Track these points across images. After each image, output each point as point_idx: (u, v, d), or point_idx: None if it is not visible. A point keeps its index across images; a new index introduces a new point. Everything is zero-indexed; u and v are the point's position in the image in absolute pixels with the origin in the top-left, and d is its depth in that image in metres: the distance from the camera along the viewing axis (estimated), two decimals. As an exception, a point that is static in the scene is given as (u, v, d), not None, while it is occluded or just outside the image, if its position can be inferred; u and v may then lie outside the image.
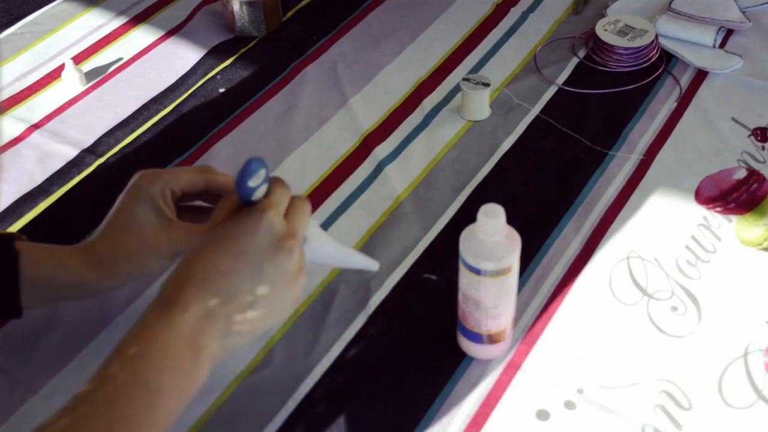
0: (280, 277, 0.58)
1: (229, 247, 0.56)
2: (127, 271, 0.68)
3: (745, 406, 0.68)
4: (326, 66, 1.06)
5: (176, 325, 0.54)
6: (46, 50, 1.10)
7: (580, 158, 0.91)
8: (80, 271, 0.67)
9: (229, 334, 0.56)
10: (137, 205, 0.67)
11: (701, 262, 0.79)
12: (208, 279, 0.55)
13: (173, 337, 0.54)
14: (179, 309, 0.54)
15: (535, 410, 0.68)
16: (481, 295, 0.66)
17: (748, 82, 0.99)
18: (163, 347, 0.53)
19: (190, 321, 0.54)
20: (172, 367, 0.53)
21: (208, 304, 0.55)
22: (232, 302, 0.56)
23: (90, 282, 0.67)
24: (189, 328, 0.54)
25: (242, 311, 0.56)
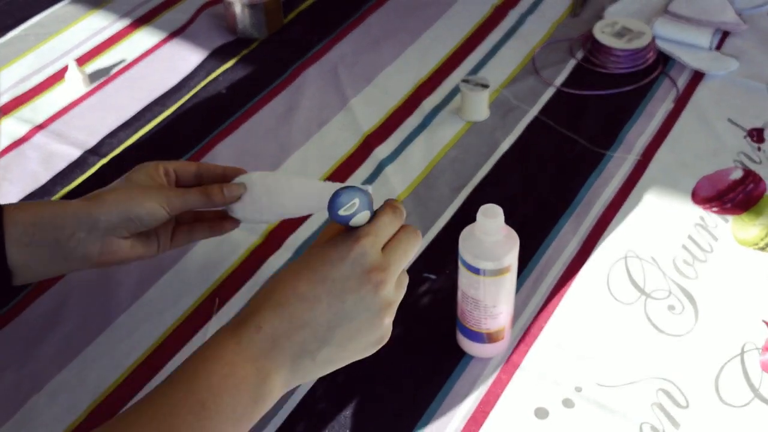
0: (363, 312, 0.54)
1: (313, 272, 0.54)
2: (113, 199, 0.66)
3: (741, 405, 0.69)
4: (327, 67, 1.06)
5: (245, 344, 0.52)
6: (49, 52, 1.11)
7: (578, 159, 0.91)
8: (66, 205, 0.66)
9: (301, 363, 0.54)
10: (131, 175, 0.70)
11: (698, 261, 0.80)
12: (287, 302, 0.53)
13: (240, 356, 0.51)
14: (251, 328, 0.52)
15: (533, 408, 0.69)
16: (480, 295, 0.67)
17: (744, 83, 1.00)
18: (228, 365, 0.51)
19: (260, 342, 0.52)
20: (234, 388, 0.51)
21: (281, 328, 0.52)
22: (308, 330, 0.53)
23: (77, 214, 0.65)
24: (259, 349, 0.52)
25: (318, 341, 0.53)
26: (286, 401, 0.70)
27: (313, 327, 0.53)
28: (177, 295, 0.79)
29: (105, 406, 0.70)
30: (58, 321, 0.77)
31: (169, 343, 0.75)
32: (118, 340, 0.75)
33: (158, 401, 0.50)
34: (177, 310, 0.78)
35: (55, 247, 0.65)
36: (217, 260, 0.82)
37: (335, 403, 0.70)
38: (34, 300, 0.79)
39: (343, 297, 0.54)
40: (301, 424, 0.69)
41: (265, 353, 0.52)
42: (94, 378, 0.72)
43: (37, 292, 0.80)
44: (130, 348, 0.74)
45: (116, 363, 0.73)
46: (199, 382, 0.50)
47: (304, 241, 0.84)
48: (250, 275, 0.80)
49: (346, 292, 0.54)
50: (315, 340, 0.53)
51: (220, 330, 0.54)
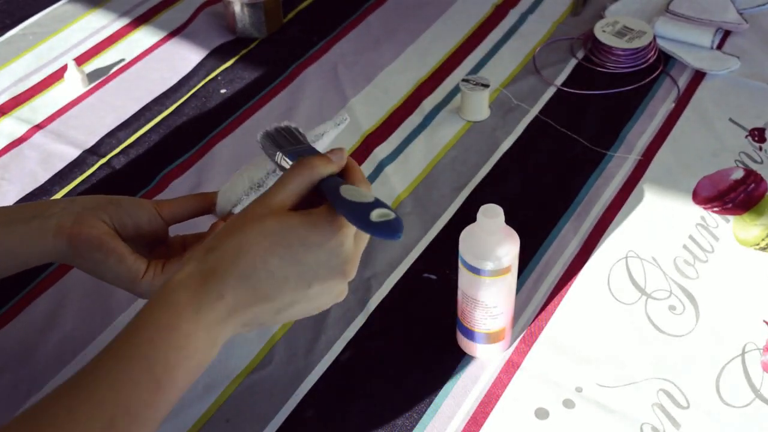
0: (325, 297, 0.55)
1: (287, 249, 0.52)
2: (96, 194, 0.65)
3: (742, 405, 0.68)
4: (327, 67, 1.06)
5: (204, 312, 0.50)
6: (48, 52, 1.10)
7: (579, 158, 0.91)
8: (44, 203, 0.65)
9: (249, 327, 0.54)
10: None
11: (699, 261, 0.80)
12: (254, 274, 0.52)
13: (197, 325, 0.50)
14: (213, 295, 0.51)
15: (534, 409, 0.69)
16: (481, 295, 0.67)
17: (745, 83, 1.00)
18: (184, 337, 0.50)
19: (219, 310, 0.51)
20: (186, 361, 0.50)
21: (243, 299, 0.52)
22: (267, 305, 0.53)
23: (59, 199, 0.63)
24: (215, 317, 0.51)
25: (273, 314, 0.54)
26: (285, 402, 0.70)
27: (273, 303, 0.53)
28: (176, 296, 0.78)
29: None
30: (58, 321, 0.77)
31: (168, 343, 0.75)
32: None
33: (115, 375, 0.49)
34: (176, 311, 0.77)
35: (31, 222, 0.63)
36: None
37: (335, 404, 0.70)
38: (34, 300, 0.79)
39: (311, 282, 0.53)
40: (302, 425, 0.68)
41: (220, 321, 0.51)
42: (92, 378, 0.72)
43: (37, 292, 0.79)
44: (129, 348, 0.74)
45: (115, 363, 0.73)
46: (156, 355, 0.49)
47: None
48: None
49: (316, 279, 0.53)
50: (271, 312, 0.54)
51: (176, 286, 0.51)
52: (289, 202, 0.54)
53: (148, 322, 0.51)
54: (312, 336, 0.75)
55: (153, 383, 0.49)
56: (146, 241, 0.67)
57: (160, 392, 0.50)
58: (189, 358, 0.50)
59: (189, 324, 0.50)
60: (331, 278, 0.54)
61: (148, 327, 0.50)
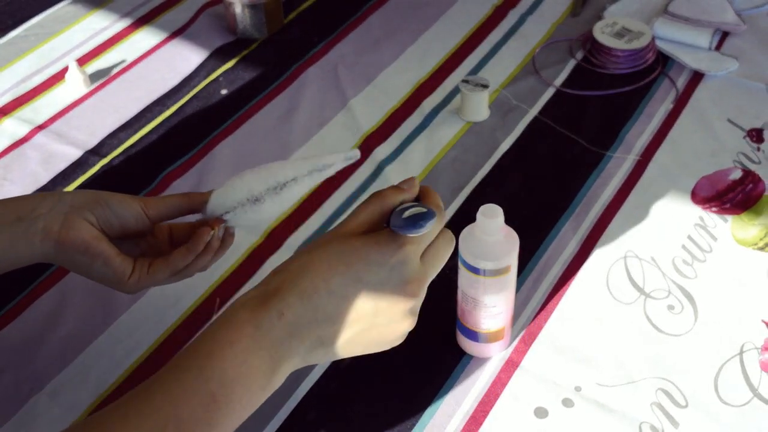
0: (388, 319, 0.53)
1: (348, 267, 0.51)
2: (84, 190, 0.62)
3: (740, 404, 0.69)
4: (327, 68, 1.06)
5: (264, 330, 0.50)
6: (50, 52, 1.11)
7: (578, 159, 0.92)
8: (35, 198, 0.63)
9: (314, 353, 0.52)
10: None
11: (697, 261, 0.80)
12: (315, 293, 0.51)
13: (257, 342, 0.49)
14: (273, 313, 0.50)
15: (533, 408, 0.69)
16: (480, 294, 0.67)
17: (743, 83, 1.00)
18: (243, 352, 0.49)
19: (279, 329, 0.50)
20: (245, 377, 0.49)
21: (304, 318, 0.51)
22: (329, 325, 0.51)
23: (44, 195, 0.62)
24: (276, 336, 0.50)
25: (337, 336, 0.52)
26: (286, 402, 0.70)
27: (335, 323, 0.51)
28: (177, 295, 0.79)
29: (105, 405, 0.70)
30: (58, 321, 0.77)
31: (169, 343, 0.75)
32: (118, 340, 0.76)
33: (169, 386, 0.48)
34: (177, 310, 0.78)
35: (17, 224, 0.62)
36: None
37: (334, 404, 0.70)
38: (34, 300, 0.79)
39: (374, 302, 0.52)
40: (301, 425, 0.69)
41: (281, 341, 0.50)
42: (94, 378, 0.72)
43: (39, 291, 0.80)
44: (130, 348, 0.75)
45: (116, 363, 0.73)
46: (213, 368, 0.48)
47: (303, 241, 0.84)
48: (250, 275, 0.81)
49: (378, 299, 0.52)
50: (334, 335, 0.52)
51: (238, 306, 0.51)
52: (358, 230, 0.54)
53: (208, 337, 0.50)
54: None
55: (207, 396, 0.48)
56: (132, 237, 0.67)
57: (215, 407, 0.48)
58: (247, 376, 0.49)
59: (249, 340, 0.49)
60: (394, 297, 0.52)
61: (207, 342, 0.50)
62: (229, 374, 0.48)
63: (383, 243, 0.52)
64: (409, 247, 0.52)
